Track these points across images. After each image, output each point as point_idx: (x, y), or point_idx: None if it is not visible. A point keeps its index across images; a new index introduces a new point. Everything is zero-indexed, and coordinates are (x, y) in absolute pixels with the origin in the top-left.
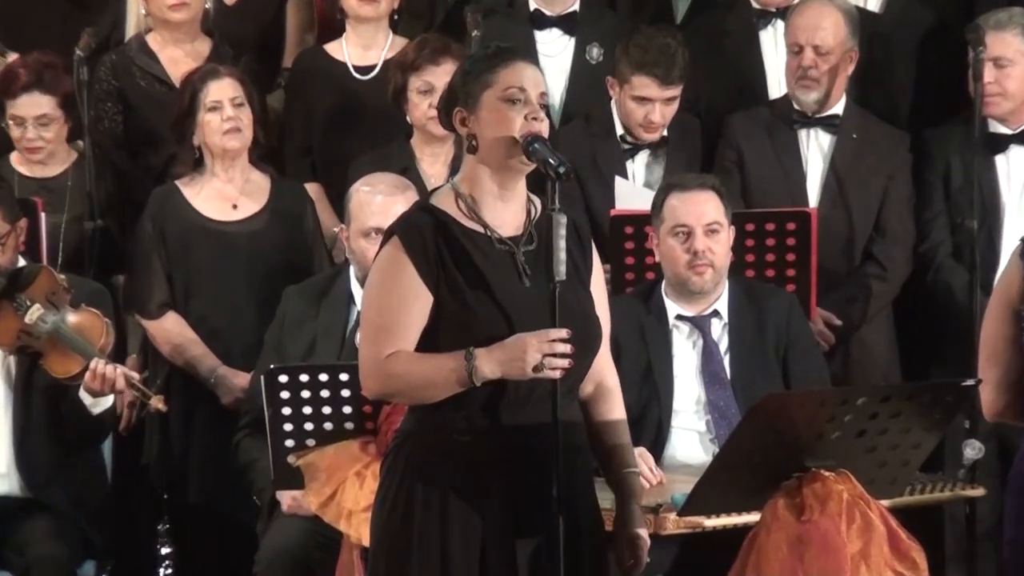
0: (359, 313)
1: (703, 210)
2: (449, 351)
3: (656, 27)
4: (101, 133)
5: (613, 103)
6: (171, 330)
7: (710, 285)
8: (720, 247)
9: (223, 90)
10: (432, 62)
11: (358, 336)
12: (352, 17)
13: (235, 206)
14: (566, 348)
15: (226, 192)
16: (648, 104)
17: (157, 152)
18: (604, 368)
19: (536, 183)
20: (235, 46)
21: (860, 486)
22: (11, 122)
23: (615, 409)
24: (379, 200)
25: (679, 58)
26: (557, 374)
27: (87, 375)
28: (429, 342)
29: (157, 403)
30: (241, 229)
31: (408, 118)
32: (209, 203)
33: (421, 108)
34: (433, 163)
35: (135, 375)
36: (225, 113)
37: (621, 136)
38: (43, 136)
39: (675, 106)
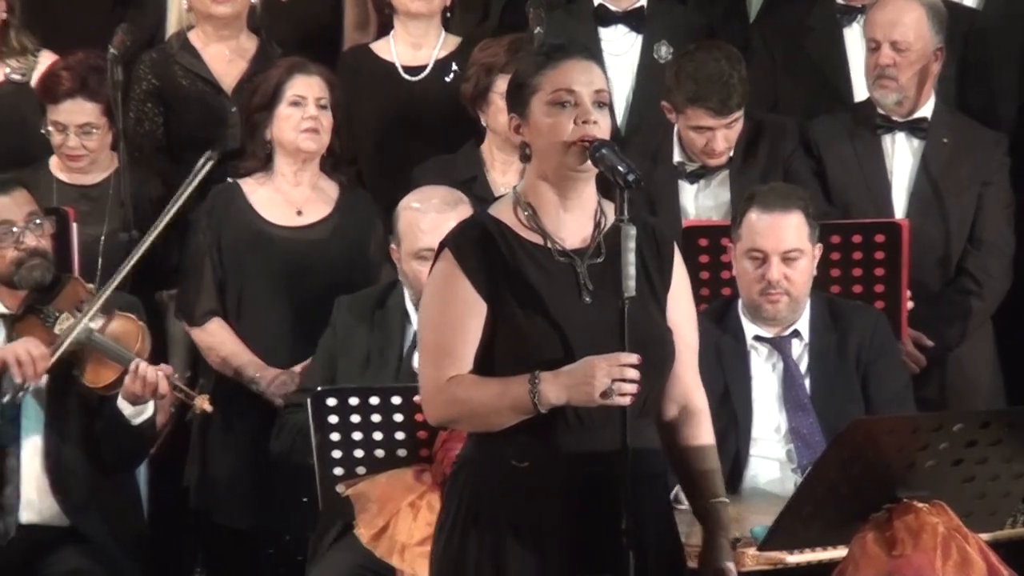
0: (415, 333)
1: (782, 236)
2: (503, 369)
3: (707, 49)
4: (141, 136)
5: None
6: (215, 336)
7: (784, 313)
8: (799, 274)
9: (310, 87)
10: None
11: (415, 359)
12: (401, 13)
13: (299, 212)
14: (635, 373)
15: (291, 196)
16: (708, 132)
17: (200, 156)
18: (690, 388)
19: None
20: (284, 45)
21: (957, 518)
22: (52, 128)
23: (702, 433)
24: (430, 218)
25: (735, 84)
26: (626, 400)
27: (127, 379)
28: (485, 360)
29: (203, 403)
30: (303, 237)
31: (484, 123)
32: (272, 207)
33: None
34: (506, 171)
35: (176, 374)
36: (307, 111)
37: (679, 162)
38: (86, 145)
39: (738, 127)
